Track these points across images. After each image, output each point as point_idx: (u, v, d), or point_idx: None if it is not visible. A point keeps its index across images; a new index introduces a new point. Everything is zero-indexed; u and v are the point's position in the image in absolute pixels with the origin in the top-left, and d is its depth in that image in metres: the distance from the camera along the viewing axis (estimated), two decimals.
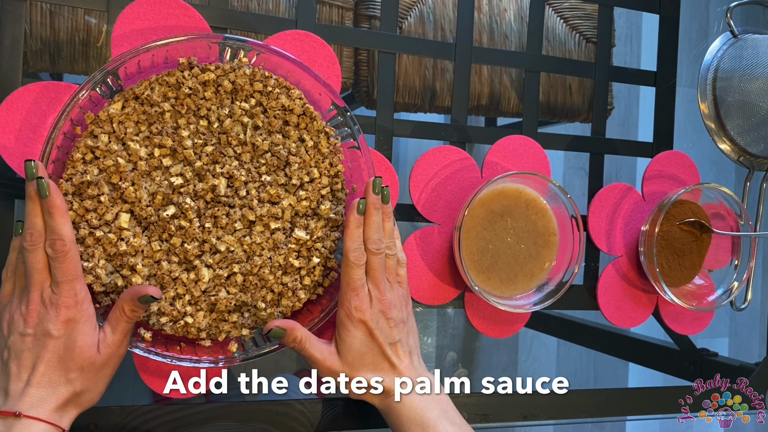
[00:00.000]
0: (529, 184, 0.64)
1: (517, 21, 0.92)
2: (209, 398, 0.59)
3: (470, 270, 0.63)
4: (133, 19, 0.54)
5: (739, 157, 0.75)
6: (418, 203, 0.65)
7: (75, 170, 0.49)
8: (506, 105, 0.93)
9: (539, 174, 0.62)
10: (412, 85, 0.87)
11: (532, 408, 0.68)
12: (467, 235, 0.62)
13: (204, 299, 0.52)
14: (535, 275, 0.65)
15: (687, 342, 0.80)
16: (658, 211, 0.69)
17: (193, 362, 0.52)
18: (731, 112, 0.73)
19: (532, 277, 0.65)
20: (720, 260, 0.75)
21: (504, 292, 0.65)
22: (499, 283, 0.64)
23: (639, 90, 1.69)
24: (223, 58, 0.53)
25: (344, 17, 0.83)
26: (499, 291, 0.64)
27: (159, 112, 0.51)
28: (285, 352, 0.56)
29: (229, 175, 0.52)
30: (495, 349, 1.61)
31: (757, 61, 0.71)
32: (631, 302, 0.73)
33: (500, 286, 0.64)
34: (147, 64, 0.52)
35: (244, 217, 0.53)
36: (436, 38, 0.87)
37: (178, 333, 0.52)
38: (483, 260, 0.63)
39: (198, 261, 0.52)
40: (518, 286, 0.65)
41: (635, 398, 0.73)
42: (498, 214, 0.63)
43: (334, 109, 0.56)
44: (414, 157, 0.65)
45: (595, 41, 0.93)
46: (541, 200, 0.65)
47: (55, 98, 0.52)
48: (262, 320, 0.54)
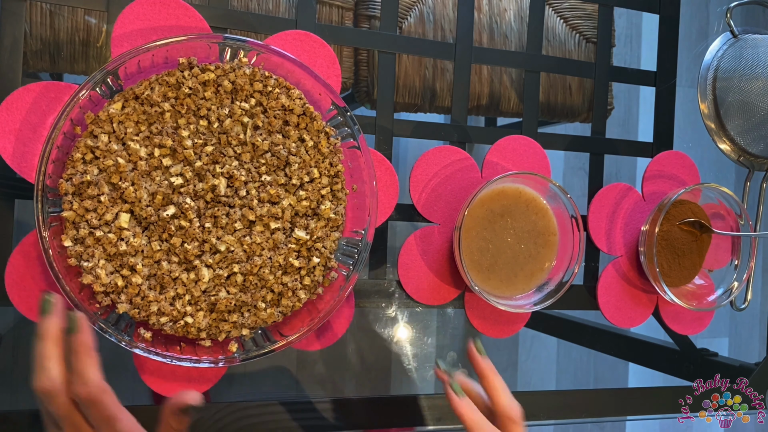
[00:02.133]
0: (529, 184, 0.64)
1: (517, 21, 0.92)
2: (209, 399, 0.59)
3: (470, 270, 0.63)
4: (133, 19, 0.54)
5: (739, 157, 0.75)
6: (418, 203, 0.65)
7: (75, 170, 0.49)
8: (506, 105, 0.93)
9: (539, 174, 0.62)
10: (412, 85, 0.87)
11: (532, 408, 0.68)
12: (467, 235, 0.62)
13: (204, 299, 0.52)
14: (535, 275, 0.65)
15: (687, 342, 0.80)
16: (658, 211, 0.69)
17: (193, 362, 0.52)
18: (731, 112, 0.73)
19: (532, 277, 0.65)
20: (720, 260, 0.75)
21: (504, 292, 0.65)
22: (498, 283, 0.64)
23: (639, 90, 1.69)
24: (223, 58, 0.53)
25: (344, 17, 0.83)
26: (499, 291, 0.64)
27: (159, 112, 0.51)
28: (285, 352, 0.56)
29: (229, 175, 0.52)
30: (495, 349, 1.61)
31: (757, 61, 0.71)
32: (631, 302, 0.73)
33: (500, 286, 0.64)
34: (147, 64, 0.52)
35: (244, 217, 0.53)
36: (436, 38, 0.87)
37: (178, 333, 0.52)
38: (483, 260, 0.63)
39: (198, 261, 0.52)
40: (518, 286, 0.65)
41: (635, 398, 0.73)
42: (498, 214, 0.63)
43: (334, 109, 0.56)
44: (414, 157, 0.65)
45: (595, 41, 0.93)
46: (541, 200, 0.65)
47: (55, 98, 0.52)
48: (262, 320, 0.54)
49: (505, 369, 1.62)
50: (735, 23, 0.74)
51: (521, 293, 0.65)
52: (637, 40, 1.72)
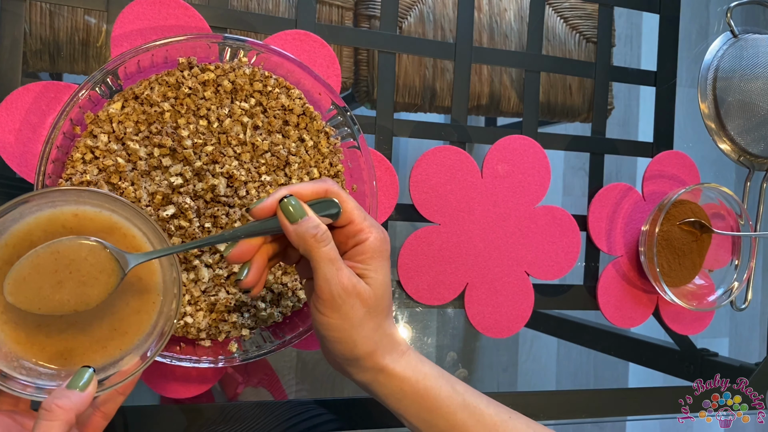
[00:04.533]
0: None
1: (517, 21, 0.92)
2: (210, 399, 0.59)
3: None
4: (133, 18, 0.54)
5: (739, 157, 0.75)
6: (418, 203, 0.65)
7: (75, 170, 0.49)
8: (506, 105, 0.93)
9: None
10: (412, 85, 0.87)
11: (532, 408, 0.68)
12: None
13: (204, 299, 0.52)
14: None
15: (687, 342, 0.80)
16: (658, 211, 0.69)
17: (193, 362, 0.52)
18: (731, 112, 0.73)
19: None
20: (720, 260, 0.75)
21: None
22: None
23: (639, 90, 1.69)
24: (223, 57, 0.53)
25: (344, 17, 0.83)
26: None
27: (159, 111, 0.51)
28: (285, 352, 0.56)
29: (229, 175, 0.52)
30: (495, 349, 1.61)
31: (757, 61, 0.71)
32: (631, 302, 0.73)
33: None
34: (147, 63, 0.52)
35: (244, 217, 0.53)
36: (436, 38, 0.87)
37: (178, 333, 0.52)
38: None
39: (198, 261, 0.52)
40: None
41: (635, 398, 0.73)
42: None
43: (334, 109, 0.56)
44: (414, 157, 0.65)
45: (595, 41, 0.93)
46: None
47: (54, 98, 0.52)
48: (262, 320, 0.54)
49: (505, 369, 1.62)
50: (735, 23, 0.74)
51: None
52: (637, 40, 1.72)
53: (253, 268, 0.44)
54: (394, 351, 0.46)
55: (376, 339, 0.44)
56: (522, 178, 0.68)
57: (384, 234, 0.45)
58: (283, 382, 1.28)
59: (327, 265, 0.42)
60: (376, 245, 0.44)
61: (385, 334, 0.45)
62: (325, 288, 0.42)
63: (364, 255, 0.44)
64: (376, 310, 0.44)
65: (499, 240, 0.67)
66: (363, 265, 0.44)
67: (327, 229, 0.43)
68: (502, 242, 0.67)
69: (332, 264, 0.42)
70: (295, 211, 0.42)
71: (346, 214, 0.44)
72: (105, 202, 0.43)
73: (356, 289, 0.43)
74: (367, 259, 0.44)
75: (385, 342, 0.45)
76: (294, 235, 0.42)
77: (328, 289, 0.42)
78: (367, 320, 0.44)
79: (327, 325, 0.43)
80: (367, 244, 0.44)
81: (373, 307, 0.44)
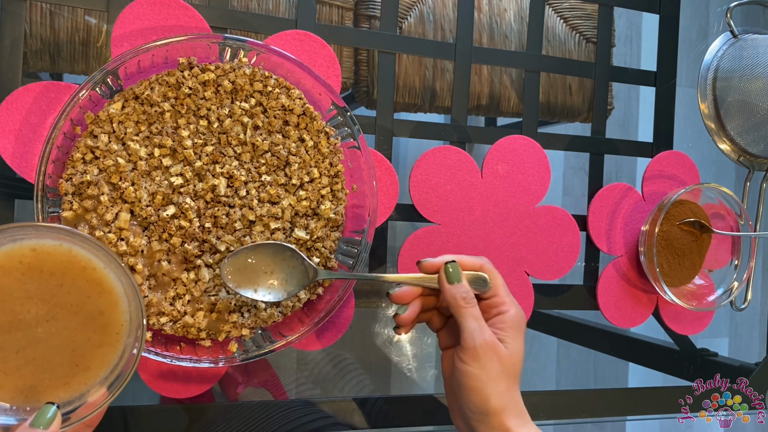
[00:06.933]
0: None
1: (517, 21, 0.92)
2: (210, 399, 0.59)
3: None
4: (133, 19, 0.54)
5: (739, 157, 0.75)
6: (418, 203, 0.65)
7: (75, 170, 0.49)
8: (506, 105, 0.93)
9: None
10: (412, 85, 0.87)
11: (532, 408, 0.68)
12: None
13: (204, 299, 0.52)
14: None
15: (687, 342, 0.80)
16: (658, 211, 0.69)
17: (193, 362, 0.52)
18: (731, 112, 0.73)
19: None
20: (720, 260, 0.75)
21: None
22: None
23: (639, 90, 1.69)
24: (223, 58, 0.53)
25: (344, 17, 0.83)
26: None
27: (159, 112, 0.51)
28: (285, 352, 0.56)
29: (229, 175, 0.52)
30: None
31: (757, 61, 0.71)
32: (631, 302, 0.73)
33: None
34: (147, 64, 0.52)
35: (244, 216, 0.53)
36: (436, 38, 0.87)
37: (178, 333, 0.52)
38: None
39: (198, 261, 0.52)
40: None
41: (635, 398, 0.73)
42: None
43: (334, 109, 0.56)
44: (414, 157, 0.65)
45: (595, 41, 0.93)
46: None
47: (55, 98, 0.52)
48: (262, 320, 0.54)
49: None
50: (735, 23, 0.74)
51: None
52: (637, 40, 1.72)
53: (410, 310, 0.52)
54: (520, 417, 0.50)
55: (507, 399, 0.49)
56: (522, 178, 0.68)
57: (522, 312, 0.52)
58: (283, 382, 1.28)
59: (473, 321, 0.49)
60: (516, 319, 0.51)
61: (514, 399, 0.49)
62: (469, 340, 0.49)
63: (504, 324, 0.50)
64: (509, 371, 0.49)
65: (499, 240, 0.67)
66: (502, 332, 0.50)
67: (474, 296, 0.50)
68: (502, 242, 0.67)
69: (477, 321, 0.49)
70: (454, 273, 0.51)
71: (494, 288, 0.51)
72: (65, 236, 0.42)
73: (495, 346, 0.49)
74: (507, 328, 0.50)
75: (513, 406, 0.49)
76: (448, 293, 0.50)
77: (472, 341, 0.48)
78: (501, 378, 0.49)
79: (467, 372, 0.48)
80: (508, 316, 0.51)
81: (507, 367, 0.49)
